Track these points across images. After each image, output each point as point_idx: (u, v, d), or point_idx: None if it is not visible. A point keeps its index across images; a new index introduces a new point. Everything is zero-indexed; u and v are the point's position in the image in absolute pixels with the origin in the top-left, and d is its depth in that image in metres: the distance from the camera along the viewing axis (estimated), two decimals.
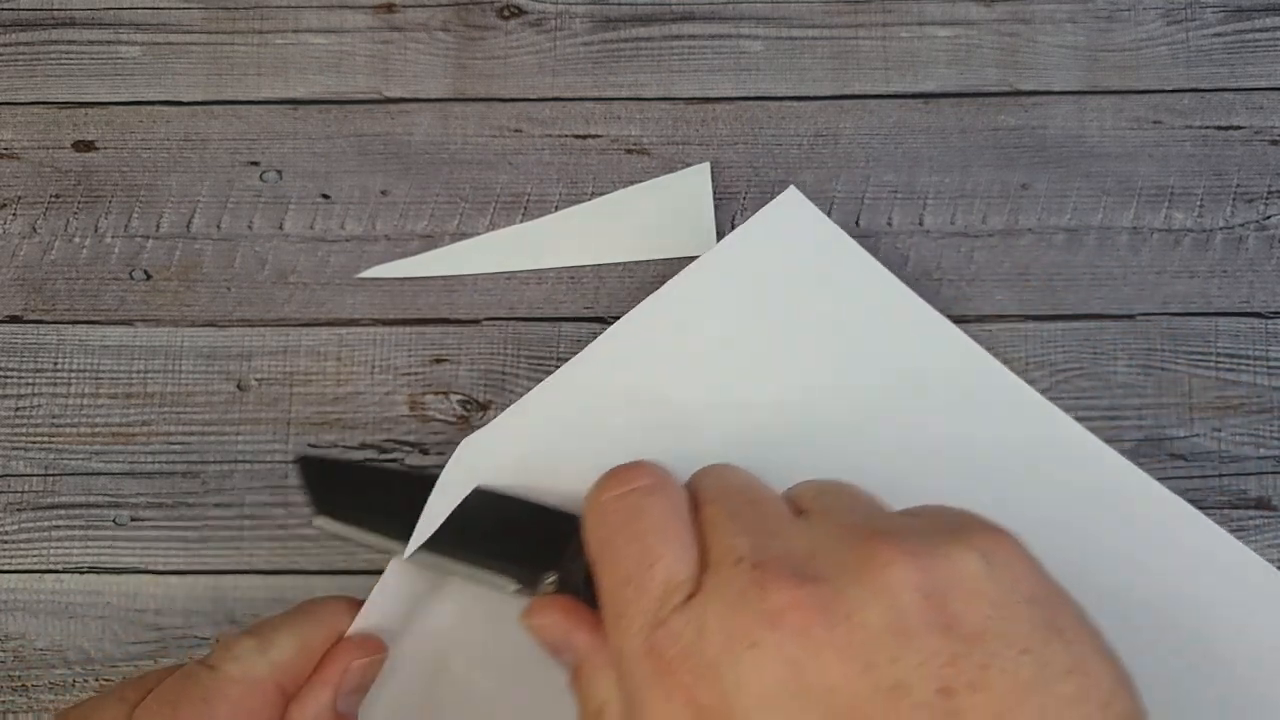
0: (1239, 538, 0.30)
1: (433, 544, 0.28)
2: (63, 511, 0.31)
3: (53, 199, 0.33)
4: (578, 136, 0.33)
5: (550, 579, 0.26)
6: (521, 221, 0.33)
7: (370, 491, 0.29)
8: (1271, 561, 0.30)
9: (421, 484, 0.28)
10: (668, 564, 0.22)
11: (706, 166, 0.32)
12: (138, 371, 0.32)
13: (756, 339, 0.30)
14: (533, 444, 0.29)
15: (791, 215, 0.31)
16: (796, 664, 0.19)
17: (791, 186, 0.31)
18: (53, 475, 0.32)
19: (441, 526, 0.28)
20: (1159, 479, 0.31)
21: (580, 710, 0.24)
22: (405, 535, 0.28)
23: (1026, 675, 0.18)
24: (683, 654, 0.20)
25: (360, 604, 0.27)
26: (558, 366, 0.32)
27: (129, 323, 0.32)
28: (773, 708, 0.19)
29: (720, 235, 0.32)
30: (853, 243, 0.31)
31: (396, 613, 0.28)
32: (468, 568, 0.27)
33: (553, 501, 0.28)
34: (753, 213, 0.32)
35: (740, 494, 0.23)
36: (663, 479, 0.24)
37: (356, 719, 0.27)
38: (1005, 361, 0.31)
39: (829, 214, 0.32)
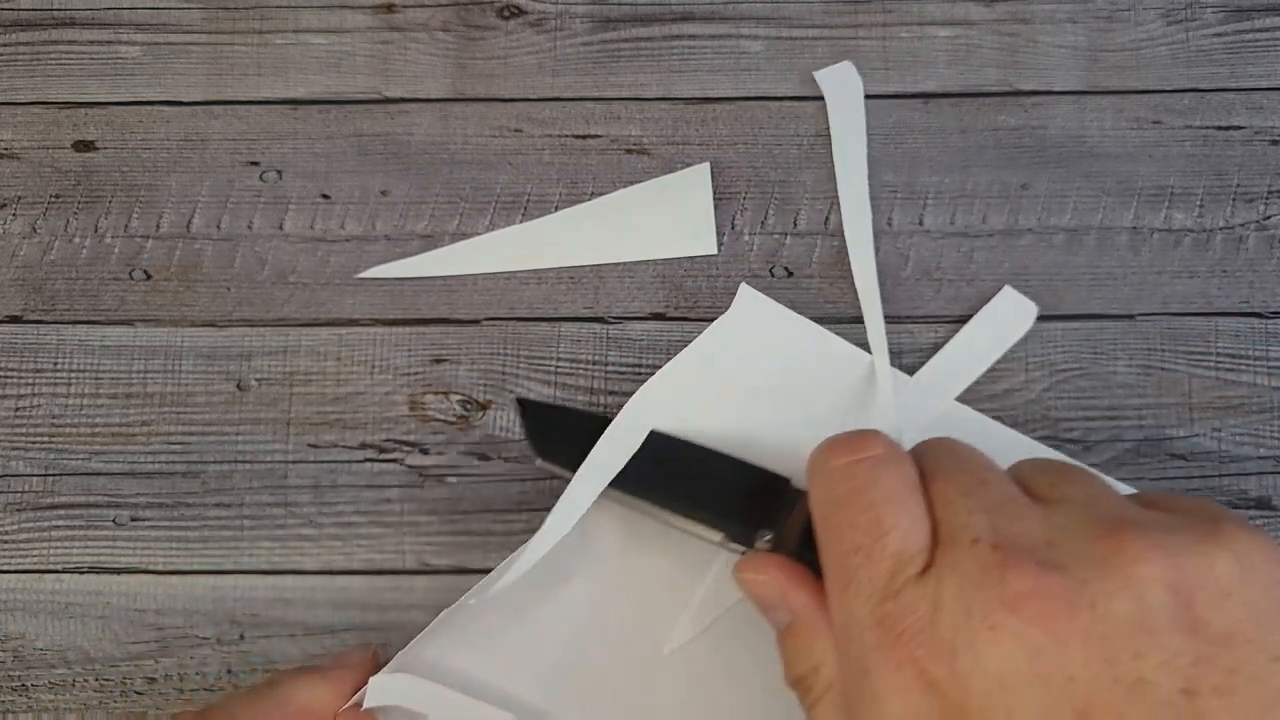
0: None
1: (636, 488, 0.28)
2: (63, 511, 0.31)
3: (53, 199, 0.33)
4: (578, 136, 0.33)
5: (766, 536, 0.26)
6: (521, 221, 0.33)
7: (589, 438, 0.29)
8: None
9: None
10: (900, 535, 0.21)
11: (706, 166, 0.32)
12: (138, 371, 0.32)
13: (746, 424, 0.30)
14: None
15: (751, 313, 0.31)
16: (1036, 651, 0.19)
17: (743, 284, 0.31)
18: (53, 475, 0.32)
19: (645, 471, 0.28)
20: (1159, 479, 0.31)
21: (788, 668, 0.24)
22: (622, 483, 0.28)
23: (1277, 683, 0.18)
24: (916, 627, 0.20)
25: (329, 674, 0.27)
26: (557, 367, 0.32)
27: (129, 323, 0.32)
28: (1009, 690, 0.19)
29: (720, 235, 0.32)
30: (815, 326, 0.31)
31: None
32: (675, 516, 0.28)
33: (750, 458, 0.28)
34: (753, 212, 0.32)
35: (973, 473, 0.22)
36: (894, 449, 0.23)
37: None
38: (1005, 361, 0.31)
39: (829, 213, 0.32)
